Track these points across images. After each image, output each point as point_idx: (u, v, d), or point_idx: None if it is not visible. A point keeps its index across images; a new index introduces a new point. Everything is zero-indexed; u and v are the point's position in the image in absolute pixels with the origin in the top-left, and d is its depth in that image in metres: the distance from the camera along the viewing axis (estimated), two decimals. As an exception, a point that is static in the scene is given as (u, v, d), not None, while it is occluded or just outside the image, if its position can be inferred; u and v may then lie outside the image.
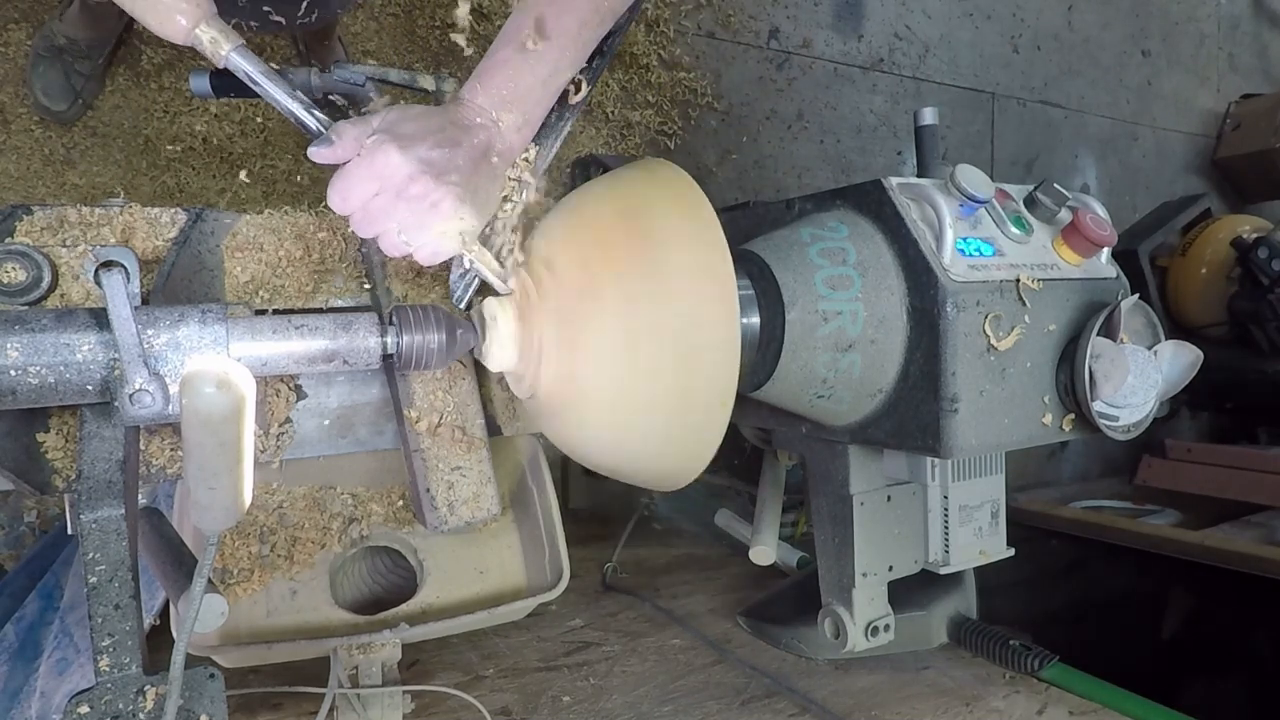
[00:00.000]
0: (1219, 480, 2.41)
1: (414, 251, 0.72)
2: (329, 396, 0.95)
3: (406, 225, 0.70)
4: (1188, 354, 0.87)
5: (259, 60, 0.71)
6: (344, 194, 0.69)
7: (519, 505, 1.10)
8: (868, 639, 1.03)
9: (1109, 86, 3.05)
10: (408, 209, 0.69)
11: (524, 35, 0.74)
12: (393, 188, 0.69)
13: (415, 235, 0.71)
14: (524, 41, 0.74)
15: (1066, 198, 0.90)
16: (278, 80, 0.72)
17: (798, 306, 0.81)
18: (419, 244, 0.71)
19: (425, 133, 0.70)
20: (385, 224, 0.70)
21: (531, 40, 0.74)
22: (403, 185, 0.68)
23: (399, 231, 0.70)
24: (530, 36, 0.74)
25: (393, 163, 0.68)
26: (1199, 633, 2.32)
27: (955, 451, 0.80)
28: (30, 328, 0.62)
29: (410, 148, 0.68)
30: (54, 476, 0.78)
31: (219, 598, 0.60)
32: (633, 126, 2.11)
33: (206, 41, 0.68)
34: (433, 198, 0.69)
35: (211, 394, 0.49)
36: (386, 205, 0.69)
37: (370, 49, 1.84)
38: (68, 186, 1.57)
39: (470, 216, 0.72)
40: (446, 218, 0.71)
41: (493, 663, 1.18)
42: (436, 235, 0.71)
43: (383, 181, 0.69)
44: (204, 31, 0.68)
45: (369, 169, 0.68)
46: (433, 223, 0.70)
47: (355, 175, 0.69)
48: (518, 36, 0.75)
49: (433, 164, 0.69)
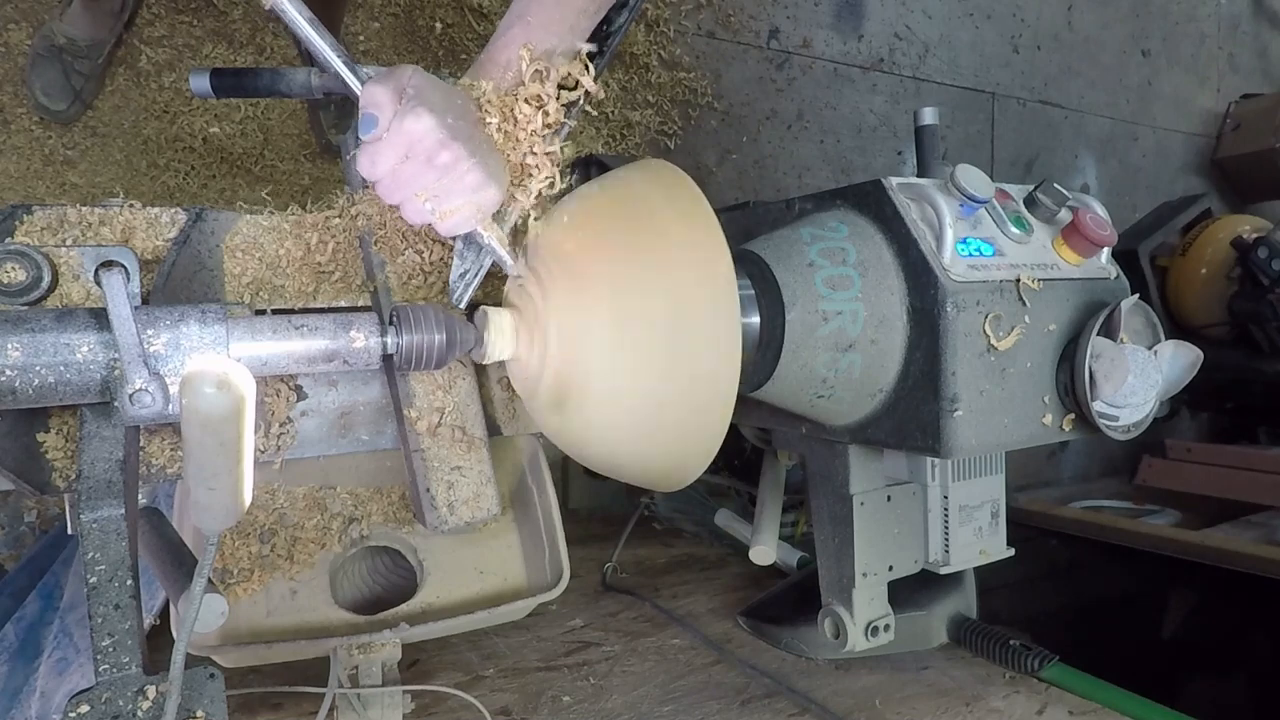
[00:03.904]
0: (1219, 480, 2.41)
1: (437, 221, 0.72)
2: (329, 396, 0.95)
3: (434, 193, 0.70)
4: (1188, 354, 0.87)
5: (304, 7, 0.70)
6: (373, 158, 0.69)
7: (519, 505, 1.10)
8: (868, 639, 1.03)
9: (1109, 86, 3.05)
10: (436, 177, 0.70)
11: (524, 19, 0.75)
12: (423, 153, 0.69)
13: (441, 203, 0.71)
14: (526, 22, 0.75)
15: (1066, 198, 0.90)
16: (322, 30, 0.71)
17: (798, 306, 0.81)
18: (444, 211, 0.72)
19: (449, 103, 0.71)
20: (412, 190, 0.70)
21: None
22: (433, 152, 0.69)
23: (425, 199, 0.71)
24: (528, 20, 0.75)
25: (425, 127, 0.68)
26: (1199, 633, 2.32)
27: (955, 451, 0.80)
28: (30, 328, 0.62)
29: (441, 115, 0.69)
30: (54, 476, 0.78)
31: (219, 598, 0.60)
32: (633, 126, 2.11)
33: None
34: (462, 167, 0.70)
35: (211, 394, 0.49)
36: (416, 172, 0.69)
37: (370, 49, 1.84)
38: (68, 186, 1.57)
39: (494, 190, 0.73)
40: (474, 188, 0.71)
41: (493, 663, 1.18)
42: (461, 205, 0.72)
43: (413, 147, 0.69)
44: None
45: (400, 134, 0.68)
46: (459, 193, 0.71)
47: (386, 139, 0.69)
48: (517, 21, 0.76)
49: (460, 134, 0.70)
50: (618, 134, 2.10)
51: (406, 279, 0.91)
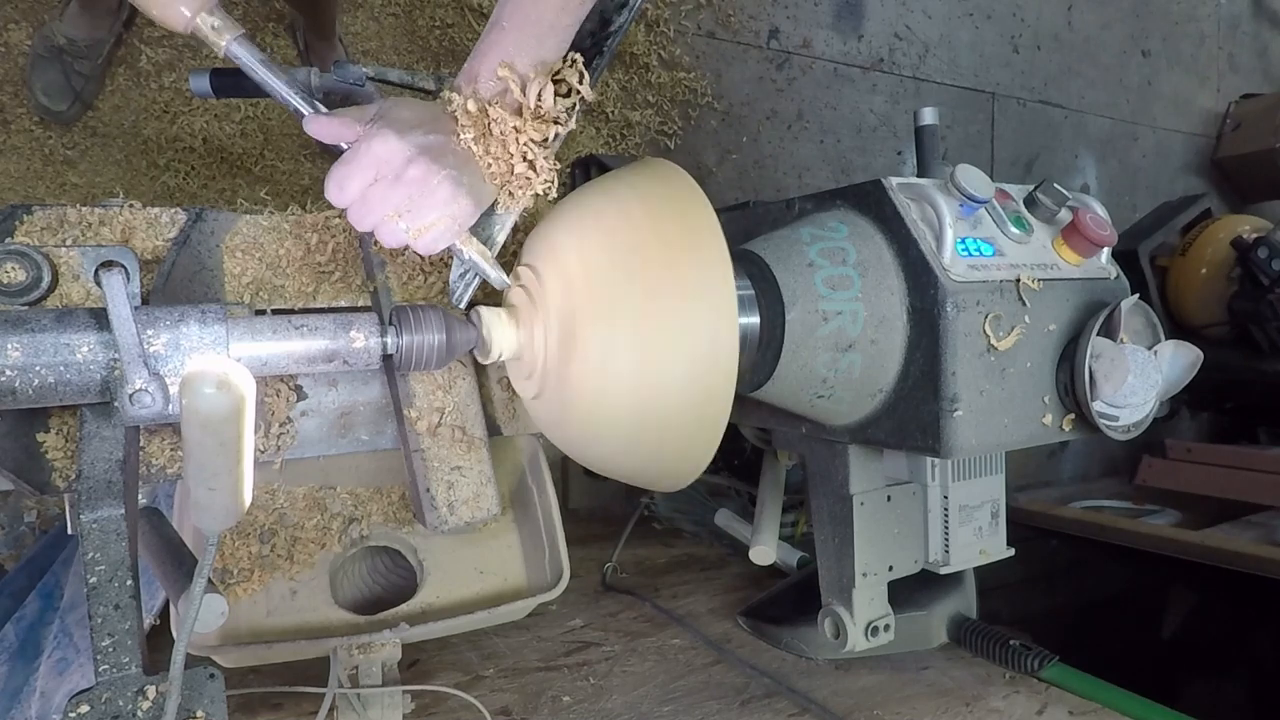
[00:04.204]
0: (1219, 480, 2.41)
1: (413, 239, 0.72)
2: (329, 396, 0.95)
3: (405, 210, 0.70)
4: (1188, 354, 0.87)
5: (258, 51, 0.71)
6: (341, 183, 0.69)
7: (519, 505, 1.10)
8: (868, 639, 1.03)
9: (1109, 86, 3.05)
10: (405, 193, 0.69)
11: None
12: (391, 172, 0.68)
13: (414, 220, 0.70)
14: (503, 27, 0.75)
15: (1066, 198, 0.90)
16: (277, 71, 0.72)
17: (798, 306, 0.81)
18: (418, 228, 0.71)
19: (420, 120, 0.70)
20: (383, 210, 0.70)
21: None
22: (401, 168, 0.68)
23: (398, 217, 0.70)
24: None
25: (390, 147, 0.68)
26: (1199, 633, 2.32)
27: (955, 451, 0.80)
28: (30, 328, 0.62)
29: (407, 133, 0.68)
30: (54, 476, 0.78)
31: (219, 598, 0.60)
32: (633, 126, 2.11)
33: (208, 30, 0.68)
34: (432, 181, 0.69)
35: (211, 394, 0.49)
36: (384, 191, 0.69)
37: (370, 49, 1.84)
38: (68, 186, 1.57)
39: (467, 203, 0.72)
40: (445, 202, 0.71)
41: (493, 663, 1.18)
42: (435, 220, 0.71)
43: (380, 167, 0.68)
44: (205, 20, 0.68)
45: (366, 155, 0.68)
46: (431, 206, 0.70)
47: (353, 163, 0.68)
48: (495, 27, 0.75)
49: (429, 148, 0.69)
50: (618, 134, 2.10)
51: (406, 279, 0.91)
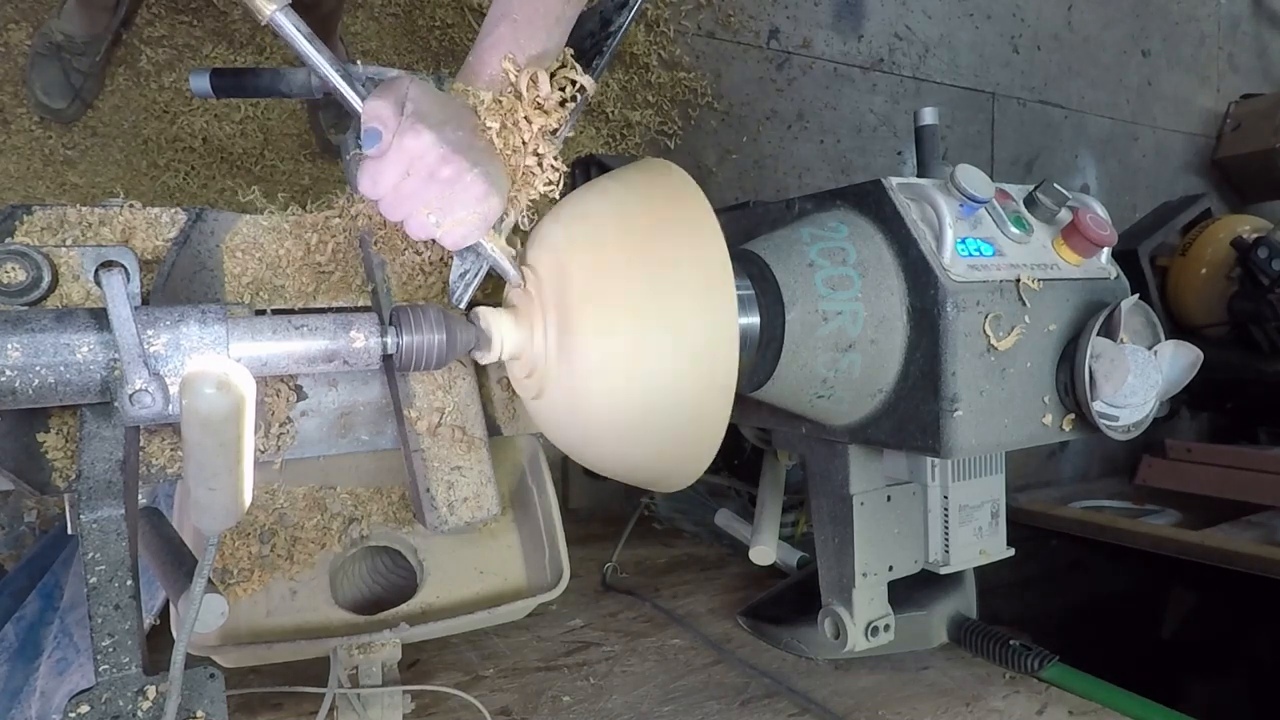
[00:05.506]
0: (1219, 480, 2.41)
1: (441, 234, 0.72)
2: (329, 396, 0.95)
3: (437, 207, 0.70)
4: (1188, 354, 0.87)
5: (304, 24, 0.69)
6: (375, 177, 0.69)
7: (519, 505, 1.10)
8: (868, 639, 1.03)
9: (1109, 86, 3.05)
10: (439, 191, 0.69)
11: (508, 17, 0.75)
12: (425, 169, 0.68)
13: (446, 216, 0.71)
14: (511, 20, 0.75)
15: (1066, 198, 0.90)
16: (319, 45, 0.71)
17: (798, 306, 0.81)
18: (449, 224, 0.71)
19: (449, 116, 0.70)
20: (415, 206, 0.70)
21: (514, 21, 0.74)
22: (435, 167, 0.68)
23: (429, 213, 0.70)
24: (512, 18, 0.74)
25: (423, 143, 0.67)
26: (1199, 633, 2.32)
27: (955, 451, 0.80)
28: (30, 328, 0.62)
29: (438, 128, 0.68)
30: (54, 476, 0.78)
31: (219, 598, 0.60)
32: (633, 126, 2.11)
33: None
34: (466, 180, 0.70)
35: (211, 394, 0.49)
36: (418, 188, 0.69)
37: (370, 49, 1.84)
38: (68, 186, 1.57)
39: (496, 201, 0.72)
40: (478, 199, 0.71)
41: (493, 663, 1.18)
42: (465, 216, 0.71)
43: (414, 163, 0.68)
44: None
45: (400, 151, 0.68)
46: (463, 205, 0.71)
47: (387, 158, 0.68)
48: (503, 20, 0.75)
49: (460, 145, 0.69)
50: (618, 134, 2.10)
51: (406, 279, 0.91)
